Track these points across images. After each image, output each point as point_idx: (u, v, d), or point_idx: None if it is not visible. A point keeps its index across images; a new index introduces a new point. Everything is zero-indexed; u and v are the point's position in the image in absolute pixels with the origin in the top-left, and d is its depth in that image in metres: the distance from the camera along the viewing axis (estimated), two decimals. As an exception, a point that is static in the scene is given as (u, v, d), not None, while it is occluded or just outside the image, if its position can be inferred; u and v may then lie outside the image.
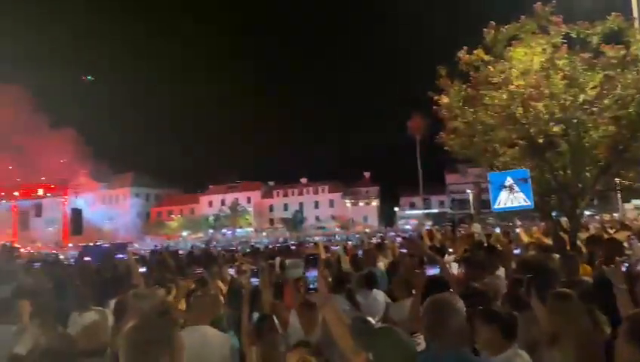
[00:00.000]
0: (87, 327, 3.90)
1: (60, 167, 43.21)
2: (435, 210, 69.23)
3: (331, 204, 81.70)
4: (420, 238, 9.45)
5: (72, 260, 15.68)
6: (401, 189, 77.43)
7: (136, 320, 2.14)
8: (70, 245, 36.34)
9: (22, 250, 29.10)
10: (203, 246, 27.87)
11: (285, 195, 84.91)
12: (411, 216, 70.86)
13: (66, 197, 38.44)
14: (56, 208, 41.60)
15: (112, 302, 5.20)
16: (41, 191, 36.11)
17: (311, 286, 2.42)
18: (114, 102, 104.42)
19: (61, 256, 19.01)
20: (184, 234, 72.53)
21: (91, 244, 30.98)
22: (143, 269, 6.22)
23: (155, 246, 27.64)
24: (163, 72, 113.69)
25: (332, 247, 9.48)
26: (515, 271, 5.25)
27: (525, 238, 9.56)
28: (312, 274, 2.43)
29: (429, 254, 5.76)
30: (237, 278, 6.35)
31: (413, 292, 4.47)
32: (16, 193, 35.53)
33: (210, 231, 70.45)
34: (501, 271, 5.65)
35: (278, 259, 8.39)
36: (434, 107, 10.70)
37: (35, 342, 4.14)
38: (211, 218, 74.81)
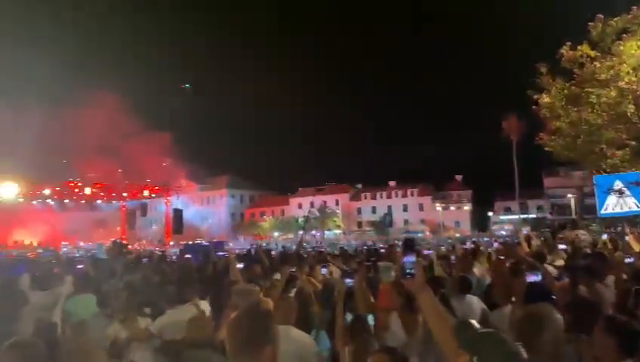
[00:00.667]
0: (191, 321, 4.03)
1: (163, 170, 46.18)
2: (533, 215, 65.60)
3: (421, 207, 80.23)
4: (518, 244, 9.02)
5: (174, 257, 16.68)
6: (496, 193, 74.35)
7: (240, 314, 2.25)
8: (171, 243, 38.70)
9: (130, 246, 31.51)
10: (294, 246, 28.49)
11: (373, 198, 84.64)
12: (507, 221, 67.76)
13: (168, 198, 40.90)
14: (159, 208, 44.45)
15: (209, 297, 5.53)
16: (146, 193, 38.81)
17: (407, 270, 2.40)
18: (212, 108, 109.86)
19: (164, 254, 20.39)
20: (275, 234, 74.64)
21: (191, 242, 32.74)
22: (239, 266, 6.46)
23: (252, 245, 28.65)
24: (256, 76, 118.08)
25: (424, 251, 9.31)
26: (625, 281, 4.89)
27: (637, 246, 8.80)
28: (410, 259, 2.42)
29: (529, 260, 5.51)
30: (330, 278, 6.44)
31: (513, 299, 4.30)
32: (124, 194, 38.46)
33: (300, 232, 71.89)
34: (610, 280, 5.27)
35: (371, 261, 8.37)
36: (533, 107, 10.20)
37: (115, 335, 4.45)
38: (300, 219, 76.30)
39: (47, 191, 34.30)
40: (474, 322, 2.30)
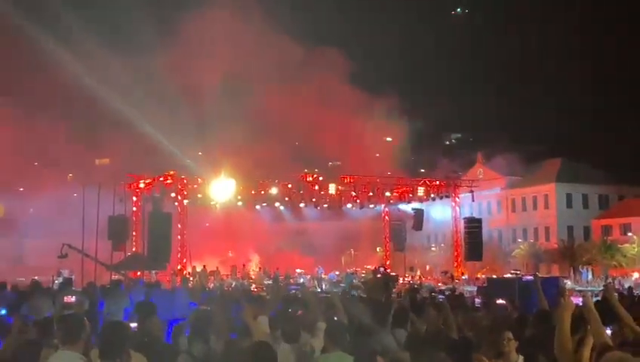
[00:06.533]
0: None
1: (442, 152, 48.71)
2: None
3: None
4: None
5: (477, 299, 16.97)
6: None
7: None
8: (464, 276, 39.87)
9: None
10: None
11: None
12: None
13: (456, 198, 42.55)
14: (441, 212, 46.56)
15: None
16: (420, 191, 40.89)
17: None
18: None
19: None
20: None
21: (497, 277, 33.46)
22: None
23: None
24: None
25: None
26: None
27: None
28: None
29: None
30: None
31: None
32: (387, 193, 41.34)
33: None
34: None
35: None
36: None
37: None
38: None
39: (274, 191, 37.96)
40: None
